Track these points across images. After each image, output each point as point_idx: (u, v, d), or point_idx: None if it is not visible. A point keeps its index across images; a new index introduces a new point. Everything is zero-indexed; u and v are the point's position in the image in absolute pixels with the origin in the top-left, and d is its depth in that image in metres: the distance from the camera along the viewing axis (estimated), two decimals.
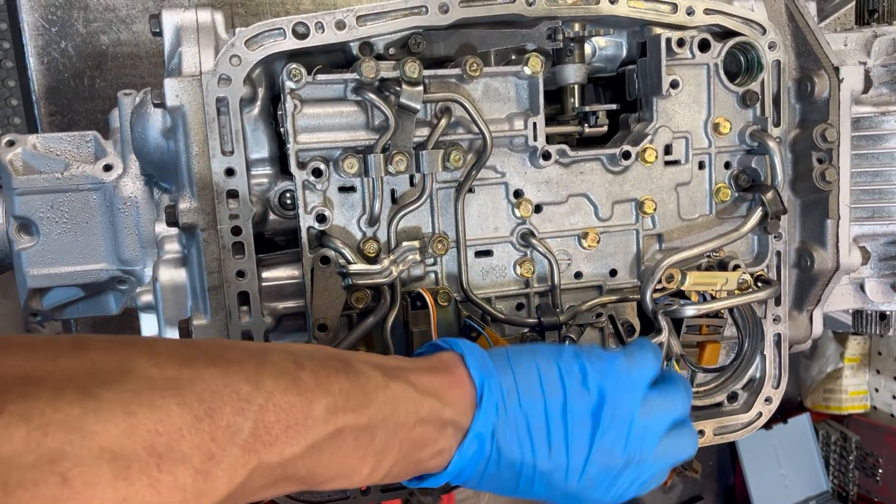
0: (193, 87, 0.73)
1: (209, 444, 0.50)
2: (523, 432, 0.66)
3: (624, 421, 0.67)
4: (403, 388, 0.63)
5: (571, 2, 0.80)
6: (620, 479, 0.68)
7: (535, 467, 0.66)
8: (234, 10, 1.11)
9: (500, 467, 0.66)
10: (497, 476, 0.67)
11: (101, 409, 0.46)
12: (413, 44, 0.78)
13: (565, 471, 0.67)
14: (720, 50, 0.84)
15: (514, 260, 0.83)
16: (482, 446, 0.65)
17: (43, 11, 1.02)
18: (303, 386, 0.57)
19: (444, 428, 0.64)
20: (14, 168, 0.88)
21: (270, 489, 0.56)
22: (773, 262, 0.89)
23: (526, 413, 0.66)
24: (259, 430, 0.53)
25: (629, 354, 0.69)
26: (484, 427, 0.65)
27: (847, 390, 1.79)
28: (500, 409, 0.65)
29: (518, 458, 0.66)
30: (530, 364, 0.68)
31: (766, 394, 0.92)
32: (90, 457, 0.44)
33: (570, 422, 0.66)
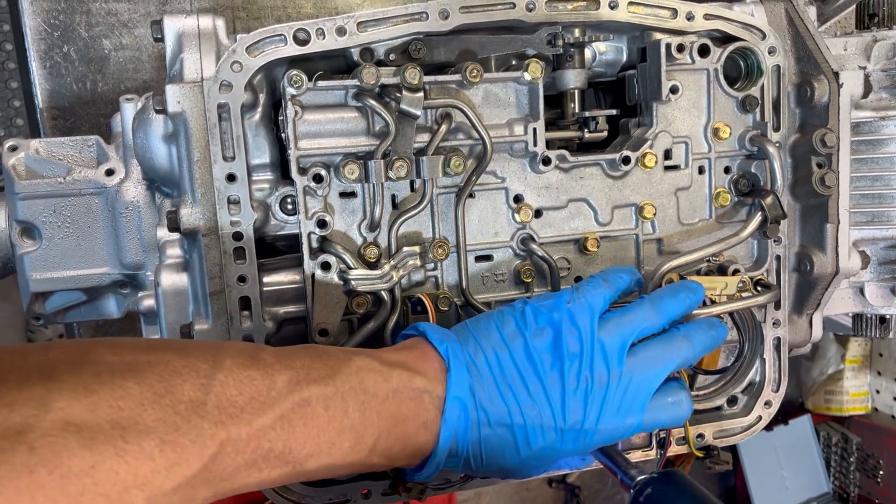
0: (195, 94, 0.73)
1: (173, 417, 0.51)
2: (501, 384, 0.67)
3: (584, 343, 0.68)
4: (368, 361, 0.64)
5: (571, 7, 0.80)
6: (608, 402, 0.68)
7: (524, 415, 0.66)
8: (236, 13, 1.11)
9: (493, 427, 0.66)
10: (495, 440, 0.67)
11: (63, 389, 0.49)
12: (413, 49, 0.78)
13: (550, 409, 0.67)
14: (720, 55, 0.84)
15: (515, 265, 0.84)
16: (465, 410, 0.65)
17: (45, 16, 1.03)
18: (263, 362, 0.58)
19: (420, 398, 0.64)
20: (17, 172, 0.89)
21: (252, 471, 0.56)
22: (773, 266, 0.89)
23: (496, 366, 0.67)
24: (222, 402, 0.54)
25: (576, 287, 0.72)
26: (460, 389, 0.65)
27: (848, 392, 1.79)
28: (471, 370, 0.67)
29: (505, 411, 0.66)
30: (488, 323, 0.70)
31: (766, 397, 0.93)
32: (55, 428, 0.46)
33: (538, 361, 0.67)
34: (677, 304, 0.74)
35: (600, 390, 0.68)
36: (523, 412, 0.66)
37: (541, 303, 0.71)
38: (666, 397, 0.72)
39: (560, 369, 0.67)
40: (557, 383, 0.67)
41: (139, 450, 0.49)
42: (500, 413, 0.66)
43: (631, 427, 0.70)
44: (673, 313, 0.74)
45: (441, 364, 0.67)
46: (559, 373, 0.67)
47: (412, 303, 0.79)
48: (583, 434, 0.68)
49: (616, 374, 0.69)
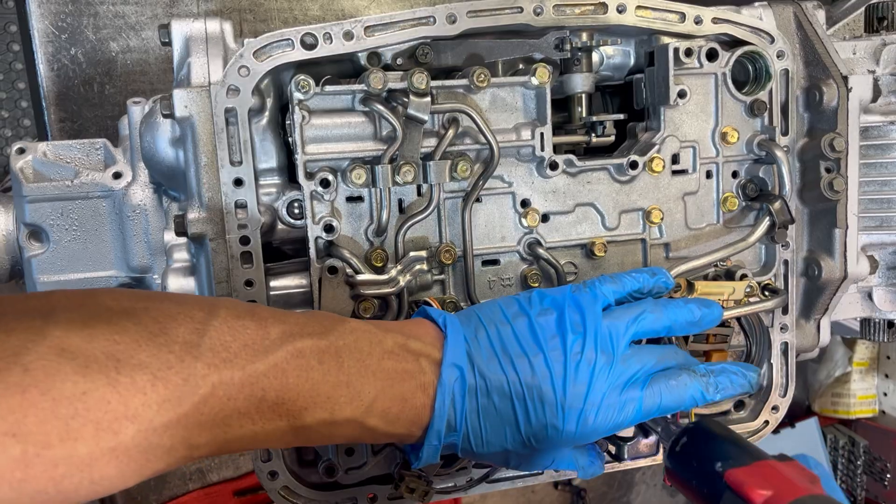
0: (202, 98, 0.73)
1: (167, 355, 0.52)
2: (500, 353, 0.66)
3: (588, 322, 0.68)
4: (363, 324, 0.64)
5: (579, 12, 0.80)
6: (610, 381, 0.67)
7: (522, 384, 0.65)
8: (243, 16, 1.11)
9: (491, 397, 0.65)
10: (493, 412, 0.65)
11: (60, 321, 0.50)
12: (421, 54, 0.78)
13: (551, 381, 0.66)
14: (728, 59, 0.84)
15: (521, 269, 0.83)
16: (462, 375, 0.64)
17: (53, 18, 1.03)
18: (257, 315, 0.59)
19: (417, 360, 0.64)
20: (25, 175, 0.89)
21: (246, 421, 0.56)
22: (781, 271, 0.89)
23: (496, 338, 0.67)
24: (216, 346, 0.54)
25: (583, 282, 0.73)
26: (456, 354, 0.64)
27: (855, 394, 1.79)
28: (470, 341, 0.66)
29: (504, 379, 0.65)
30: (492, 305, 0.70)
31: (773, 402, 0.92)
32: (50, 353, 0.48)
33: (541, 335, 0.67)
34: (686, 311, 0.73)
35: (604, 367, 0.67)
36: (522, 382, 0.65)
37: (545, 291, 0.71)
38: (669, 379, 0.70)
39: (563, 344, 0.67)
40: (560, 356, 0.66)
41: (131, 382, 0.49)
42: (499, 381, 0.65)
43: (631, 412, 0.68)
44: (679, 318, 0.73)
45: (438, 333, 0.67)
46: (562, 347, 0.67)
47: (418, 307, 0.79)
48: (583, 415, 0.66)
49: (620, 356, 0.68)
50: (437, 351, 0.65)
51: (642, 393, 0.69)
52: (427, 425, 0.64)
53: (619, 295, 0.73)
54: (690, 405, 0.71)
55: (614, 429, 0.69)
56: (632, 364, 0.69)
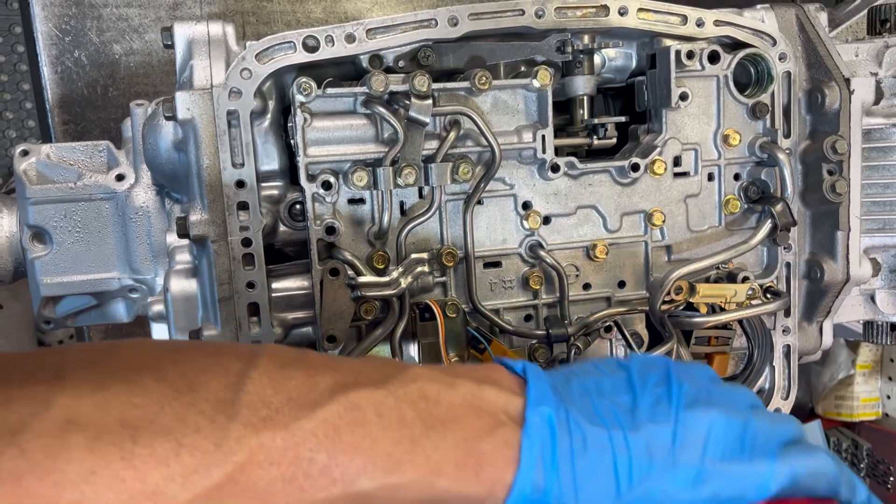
0: (204, 101, 0.73)
1: (195, 416, 0.44)
2: (598, 402, 0.55)
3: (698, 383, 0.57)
4: (427, 370, 0.54)
5: (581, 14, 0.80)
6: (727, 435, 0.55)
7: (627, 441, 0.52)
8: (246, 18, 1.12)
9: (589, 455, 0.52)
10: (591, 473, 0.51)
11: (68, 386, 0.44)
12: (422, 56, 0.78)
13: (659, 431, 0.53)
14: (730, 62, 0.84)
15: (523, 271, 0.83)
16: (552, 428, 0.52)
17: (56, 21, 1.03)
18: (304, 363, 0.51)
19: (493, 411, 0.52)
20: (28, 177, 0.89)
21: (292, 489, 0.46)
22: (783, 273, 0.89)
23: (593, 385, 0.56)
24: (254, 402, 0.47)
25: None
26: (543, 401, 0.53)
27: (859, 397, 1.78)
28: (559, 387, 0.55)
29: (605, 435, 0.52)
30: (581, 363, 0.61)
31: (775, 405, 0.92)
32: (53, 428, 0.42)
33: (639, 389, 0.56)
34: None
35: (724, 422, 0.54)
36: (627, 436, 0.53)
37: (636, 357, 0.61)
38: (808, 455, 0.56)
39: (669, 393, 0.55)
40: (668, 408, 0.54)
41: (150, 453, 0.42)
42: (599, 437, 0.52)
43: (761, 476, 0.53)
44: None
45: (517, 378, 0.56)
46: (667, 396, 0.55)
47: (420, 309, 0.79)
48: (701, 476, 0.53)
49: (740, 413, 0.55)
50: (518, 398, 0.54)
51: (774, 463, 0.54)
52: (510, 486, 0.51)
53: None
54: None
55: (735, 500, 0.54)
56: (755, 427, 0.55)
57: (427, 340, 0.78)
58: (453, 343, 0.79)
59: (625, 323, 0.86)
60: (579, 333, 0.82)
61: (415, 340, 0.79)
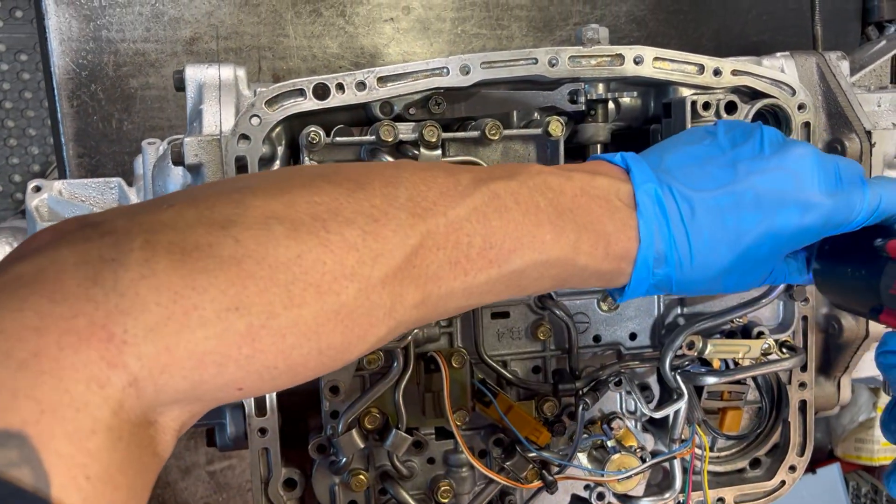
0: (213, 147, 0.73)
1: (370, 209, 0.49)
2: (695, 168, 0.62)
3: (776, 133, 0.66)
4: (543, 167, 0.61)
5: (595, 63, 0.79)
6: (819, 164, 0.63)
7: (729, 191, 0.60)
8: (262, 53, 1.12)
9: (696, 215, 0.59)
10: (702, 229, 0.59)
11: (258, 191, 0.48)
12: (433, 104, 0.77)
13: (758, 179, 0.61)
14: (748, 112, 0.82)
15: (531, 322, 0.82)
16: (661, 203, 0.59)
17: (74, 56, 1.04)
18: (442, 166, 0.57)
19: (607, 198, 0.59)
20: (39, 214, 0.90)
21: (457, 271, 0.53)
22: (800, 327, 0.86)
23: (686, 155, 0.63)
24: (414, 196, 0.52)
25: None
26: (646, 180, 0.60)
27: (879, 440, 1.74)
28: (656, 168, 0.61)
29: (706, 193, 0.60)
30: (670, 138, 0.68)
31: (791, 462, 0.89)
32: (257, 223, 0.46)
33: (730, 142, 0.64)
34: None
35: (815, 154, 0.63)
36: (728, 190, 0.60)
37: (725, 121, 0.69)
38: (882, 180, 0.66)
39: (760, 143, 0.63)
40: (760, 156, 0.62)
41: (342, 239, 0.47)
42: (701, 196, 0.60)
43: (859, 201, 0.63)
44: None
45: (620, 169, 0.62)
46: (760, 144, 0.63)
47: (425, 360, 0.78)
48: (809, 206, 0.61)
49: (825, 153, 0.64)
50: (625, 184, 0.60)
51: (865, 190, 0.63)
52: (634, 259, 0.59)
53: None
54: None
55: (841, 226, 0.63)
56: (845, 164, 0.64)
57: (432, 392, 0.77)
58: (459, 395, 0.78)
59: (635, 376, 0.84)
60: (588, 388, 0.80)
61: (419, 391, 0.78)
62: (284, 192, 0.48)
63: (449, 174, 0.55)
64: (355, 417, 0.76)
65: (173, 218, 0.45)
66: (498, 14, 1.19)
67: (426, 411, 0.77)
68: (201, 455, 1.21)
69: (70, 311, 0.39)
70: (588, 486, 0.85)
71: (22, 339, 0.37)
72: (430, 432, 0.81)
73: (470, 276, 0.53)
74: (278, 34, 1.11)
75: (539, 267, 0.56)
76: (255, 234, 0.45)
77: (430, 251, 0.51)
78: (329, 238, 0.47)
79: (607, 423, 0.83)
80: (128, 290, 0.40)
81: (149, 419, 0.42)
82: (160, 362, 0.41)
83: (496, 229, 0.54)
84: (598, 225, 0.58)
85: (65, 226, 0.46)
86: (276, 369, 0.45)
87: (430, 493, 0.81)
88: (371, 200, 0.50)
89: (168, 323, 0.41)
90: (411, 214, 0.51)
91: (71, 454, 0.36)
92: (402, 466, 0.79)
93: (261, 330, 0.44)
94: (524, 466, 0.79)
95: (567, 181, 0.59)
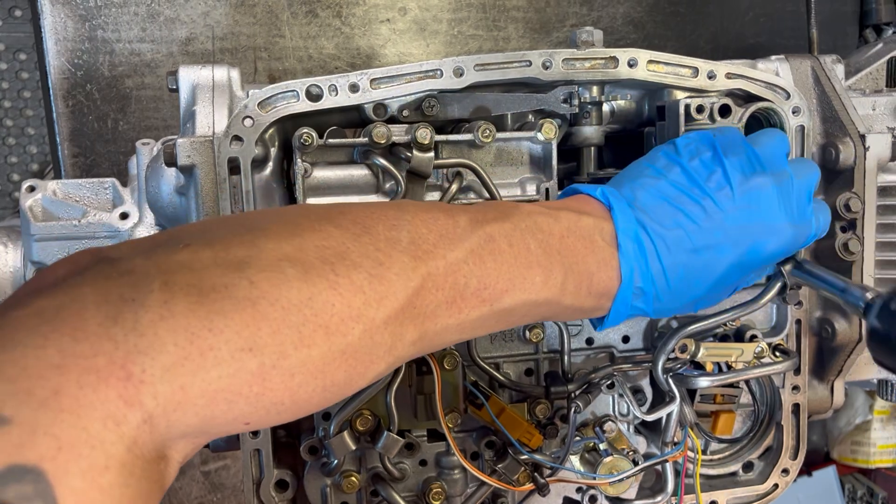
0: (205, 148, 0.73)
1: (375, 253, 0.52)
2: (668, 207, 0.66)
3: (746, 149, 0.69)
4: (535, 207, 0.64)
5: (589, 66, 0.79)
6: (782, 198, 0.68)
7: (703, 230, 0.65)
8: (258, 54, 1.12)
9: (673, 254, 0.65)
10: (678, 266, 0.65)
11: (270, 233, 0.50)
12: (427, 106, 0.77)
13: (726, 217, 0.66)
14: (741, 115, 0.82)
15: (524, 325, 0.82)
16: (639, 242, 0.64)
17: (69, 56, 1.04)
18: (441, 207, 0.60)
19: (591, 237, 0.63)
20: (33, 214, 0.89)
21: (453, 310, 0.56)
22: (793, 330, 0.86)
23: (657, 195, 0.66)
24: (416, 240, 0.55)
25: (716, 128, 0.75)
26: (627, 222, 0.64)
27: (875, 443, 1.74)
28: (633, 205, 0.66)
29: (680, 234, 0.65)
30: (637, 167, 0.71)
31: (783, 465, 0.89)
32: (270, 265, 0.47)
33: (696, 176, 0.67)
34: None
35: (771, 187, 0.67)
36: (702, 229, 0.65)
37: (687, 135, 0.72)
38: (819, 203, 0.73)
39: (726, 177, 0.67)
40: (728, 193, 0.66)
41: (350, 282, 0.50)
42: (676, 236, 0.65)
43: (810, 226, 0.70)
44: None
45: (600, 204, 0.66)
46: (726, 180, 0.67)
47: (417, 363, 0.78)
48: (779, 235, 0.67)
49: (783, 173, 0.69)
50: (608, 224, 0.65)
51: (812, 216, 0.70)
52: (615, 296, 0.64)
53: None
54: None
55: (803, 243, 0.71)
56: (796, 186, 0.69)
57: (424, 394, 0.76)
58: (450, 397, 0.78)
59: (628, 379, 0.84)
60: (580, 391, 0.80)
61: (411, 393, 0.78)
62: (295, 236, 0.50)
63: (448, 215, 0.58)
64: (347, 419, 0.76)
65: (190, 259, 0.46)
66: (494, 15, 1.19)
67: (418, 413, 0.77)
68: (196, 455, 1.21)
69: (91, 350, 0.40)
70: (580, 488, 0.85)
71: (43, 378, 0.38)
72: (422, 434, 0.81)
73: (464, 313, 0.57)
74: (274, 35, 1.11)
75: (528, 306, 0.60)
76: (268, 276, 0.47)
77: (429, 292, 0.54)
78: (338, 281, 0.49)
79: (600, 426, 0.83)
80: (147, 330, 0.42)
81: (160, 454, 0.44)
82: (174, 400, 0.42)
83: (490, 271, 0.58)
84: (582, 265, 0.62)
85: (80, 259, 0.48)
86: (282, 405, 0.47)
87: (421, 495, 0.81)
88: (376, 244, 0.53)
89: (185, 363, 0.42)
90: (413, 258, 0.54)
91: (84, 490, 0.38)
92: (393, 468, 0.79)
93: (272, 370, 0.45)
94: (516, 469, 0.79)
95: (555, 222, 0.63)
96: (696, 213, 0.66)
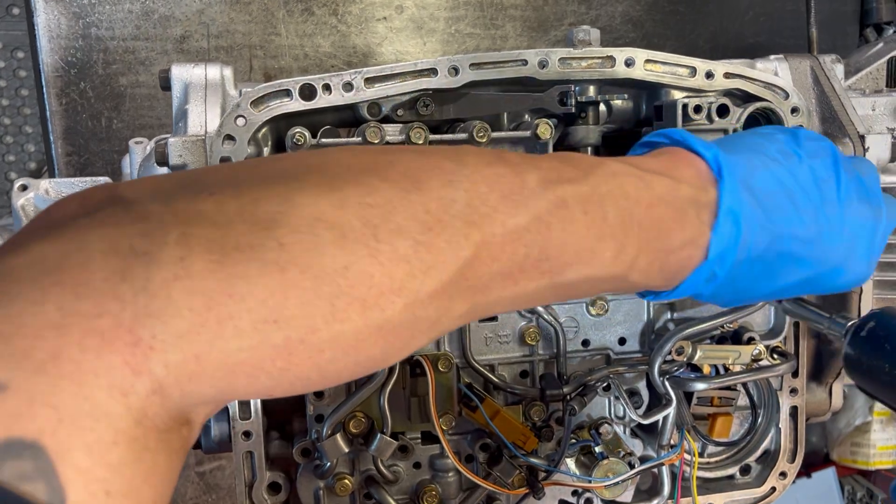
0: (197, 147, 0.72)
1: (424, 216, 0.46)
2: (782, 203, 0.59)
3: (849, 166, 0.63)
4: (623, 166, 0.56)
5: (585, 65, 0.78)
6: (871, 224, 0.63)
7: (805, 240, 0.59)
8: (253, 52, 1.11)
9: (765, 253, 0.58)
10: (762, 266, 0.59)
11: (306, 186, 0.44)
12: (422, 105, 0.76)
13: (827, 224, 0.60)
14: (740, 115, 0.81)
15: (519, 327, 0.81)
16: (738, 226, 0.57)
17: (63, 53, 1.03)
18: (508, 161, 0.52)
19: (684, 209, 0.56)
20: (25, 213, 0.89)
21: (508, 282, 0.50)
22: (791, 332, 0.85)
23: (774, 180, 0.59)
24: (474, 201, 0.48)
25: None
26: (734, 201, 0.56)
27: (875, 445, 1.73)
28: (745, 185, 0.58)
29: (783, 234, 0.58)
30: (752, 138, 0.64)
31: (781, 468, 0.89)
32: (303, 225, 0.42)
33: (819, 179, 0.61)
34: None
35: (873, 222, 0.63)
36: (805, 238, 0.59)
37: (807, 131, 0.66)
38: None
39: (838, 192, 0.61)
40: (835, 205, 0.60)
41: (392, 250, 0.44)
42: (778, 234, 0.58)
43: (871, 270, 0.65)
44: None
45: (707, 171, 0.58)
46: (837, 194, 0.61)
47: (411, 364, 0.77)
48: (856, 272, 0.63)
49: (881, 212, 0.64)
50: (706, 194, 0.57)
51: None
52: (686, 277, 0.58)
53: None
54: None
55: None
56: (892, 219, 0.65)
57: (418, 396, 0.76)
58: (445, 399, 0.77)
59: (624, 381, 0.83)
60: (576, 393, 0.79)
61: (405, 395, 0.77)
62: (335, 190, 0.44)
63: (516, 172, 0.51)
64: (340, 421, 0.75)
65: (213, 210, 0.41)
66: (492, 14, 1.18)
67: (412, 416, 0.76)
68: (190, 455, 1.20)
69: (95, 309, 0.36)
70: (576, 491, 0.85)
71: (41, 338, 0.34)
72: (416, 437, 0.81)
73: (520, 285, 0.51)
74: (270, 33, 1.10)
75: (591, 281, 0.54)
76: (301, 238, 0.41)
77: (483, 263, 0.48)
78: (379, 248, 0.43)
79: (595, 429, 0.82)
80: (159, 290, 0.37)
81: (180, 420, 0.40)
82: (188, 370, 0.38)
83: (556, 241, 0.51)
84: (663, 241, 0.56)
85: (93, 195, 0.42)
86: (309, 380, 0.43)
87: (415, 498, 0.81)
88: (426, 205, 0.46)
89: (200, 331, 0.38)
90: (467, 223, 0.47)
91: (90, 468, 0.34)
92: (387, 471, 0.79)
93: (299, 345, 0.41)
94: (511, 472, 0.79)
95: (646, 189, 0.55)
96: (807, 217, 0.59)
